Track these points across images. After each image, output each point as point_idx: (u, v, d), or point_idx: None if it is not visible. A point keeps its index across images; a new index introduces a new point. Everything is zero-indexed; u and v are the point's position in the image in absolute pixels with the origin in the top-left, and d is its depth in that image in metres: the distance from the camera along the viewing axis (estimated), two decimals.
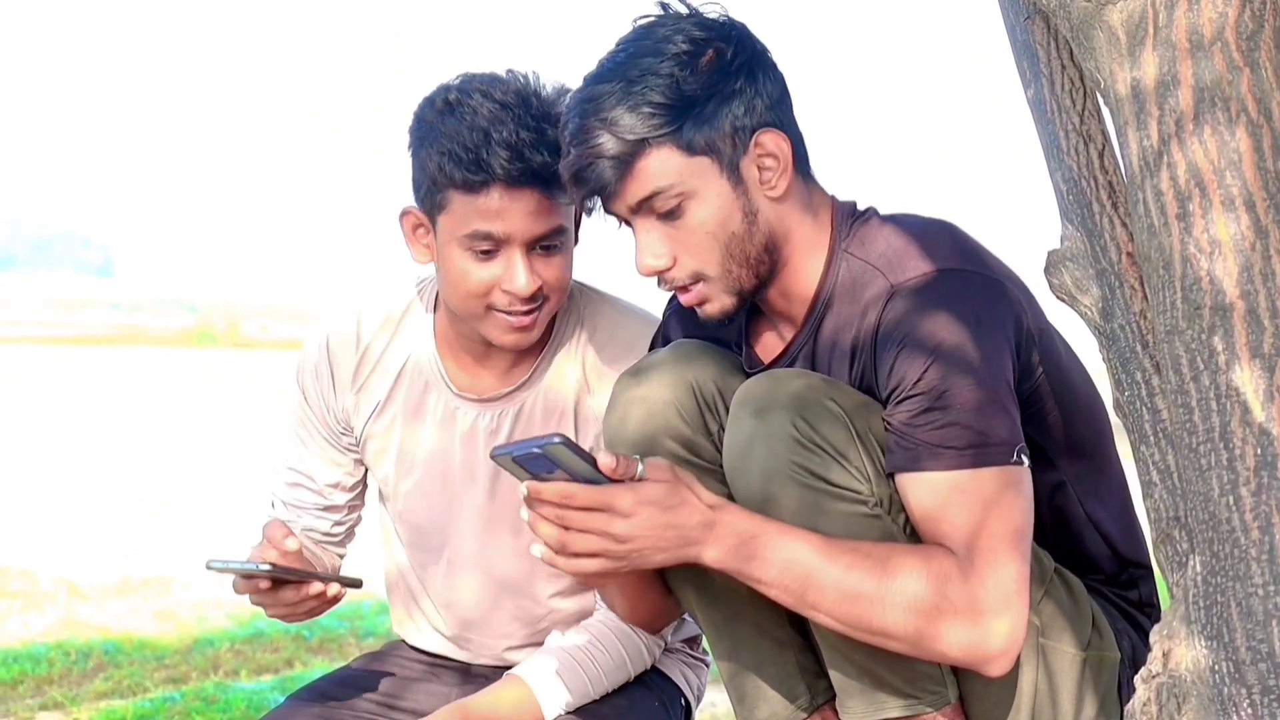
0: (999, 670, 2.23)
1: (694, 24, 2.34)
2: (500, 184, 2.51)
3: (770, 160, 2.34)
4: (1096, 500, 2.46)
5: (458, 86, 2.58)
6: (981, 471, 2.21)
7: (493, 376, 2.77)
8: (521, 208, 2.52)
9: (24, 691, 4.77)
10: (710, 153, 2.32)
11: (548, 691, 2.65)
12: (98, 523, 8.44)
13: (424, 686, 2.91)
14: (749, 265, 2.36)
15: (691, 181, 2.32)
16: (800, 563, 2.19)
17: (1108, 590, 2.49)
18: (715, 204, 2.33)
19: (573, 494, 2.17)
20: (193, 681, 4.94)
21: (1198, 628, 1.88)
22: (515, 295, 2.56)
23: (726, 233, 2.34)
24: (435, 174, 2.54)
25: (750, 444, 2.27)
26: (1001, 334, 2.26)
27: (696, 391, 2.41)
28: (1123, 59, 1.86)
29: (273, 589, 2.55)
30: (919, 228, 2.38)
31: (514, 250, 2.55)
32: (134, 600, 6.27)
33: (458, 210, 2.55)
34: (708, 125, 2.31)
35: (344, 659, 4.92)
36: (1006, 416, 2.23)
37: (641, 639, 2.74)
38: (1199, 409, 1.84)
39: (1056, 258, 2.09)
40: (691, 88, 2.30)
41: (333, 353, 2.82)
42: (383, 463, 2.85)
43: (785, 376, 2.31)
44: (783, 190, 2.36)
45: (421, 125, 2.59)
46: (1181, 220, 1.81)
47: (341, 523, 2.92)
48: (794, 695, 2.46)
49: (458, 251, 2.57)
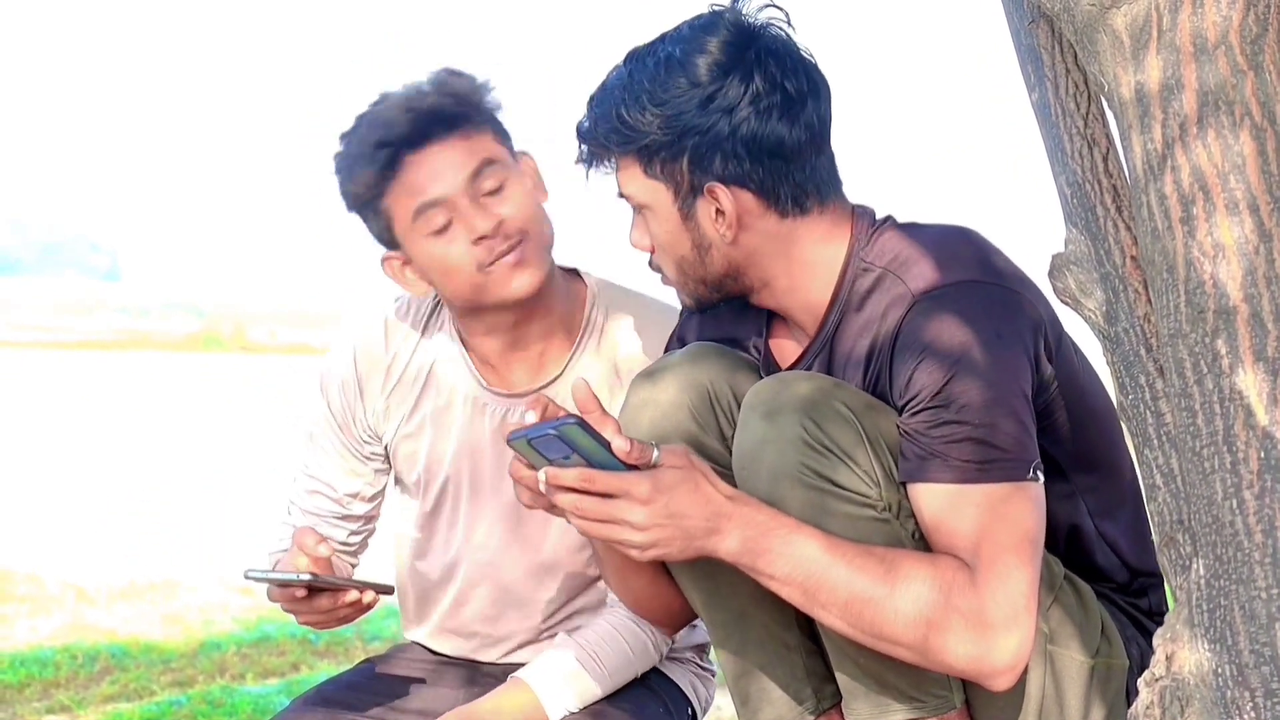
0: (1003, 685, 2.23)
1: (717, 46, 2.32)
2: (405, 152, 2.58)
3: (719, 215, 2.35)
4: (1107, 513, 2.46)
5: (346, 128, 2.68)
6: (995, 486, 2.20)
7: (523, 371, 2.77)
8: (435, 162, 2.58)
9: (31, 695, 4.78)
10: (666, 180, 2.35)
11: (552, 695, 2.65)
12: (104, 527, 8.44)
13: (431, 689, 2.91)
14: (705, 283, 2.42)
15: (645, 197, 2.38)
16: (811, 561, 2.19)
17: (1118, 598, 2.48)
18: (665, 227, 2.39)
19: (592, 478, 2.17)
20: (199, 685, 4.95)
21: (1201, 631, 1.88)
22: (487, 239, 2.59)
23: (676, 254, 2.40)
24: (364, 190, 2.63)
25: (759, 446, 2.27)
26: (1020, 347, 2.26)
27: (710, 394, 2.41)
28: (1127, 63, 1.86)
29: (308, 597, 2.56)
30: (937, 236, 2.37)
31: (459, 202, 2.59)
32: (140, 604, 6.28)
33: (396, 205, 2.61)
34: (669, 155, 2.33)
35: (350, 662, 4.92)
36: (1023, 431, 2.23)
37: (648, 635, 2.74)
38: (1202, 412, 1.84)
39: (1060, 261, 2.09)
40: (670, 115, 2.31)
41: (360, 364, 2.82)
42: (412, 468, 2.85)
43: (794, 379, 2.31)
44: (733, 237, 2.36)
45: (338, 170, 2.68)
46: (1185, 224, 1.82)
47: (358, 533, 2.93)
48: (800, 698, 2.45)
49: (424, 242, 2.61)
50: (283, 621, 5.74)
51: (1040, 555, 2.24)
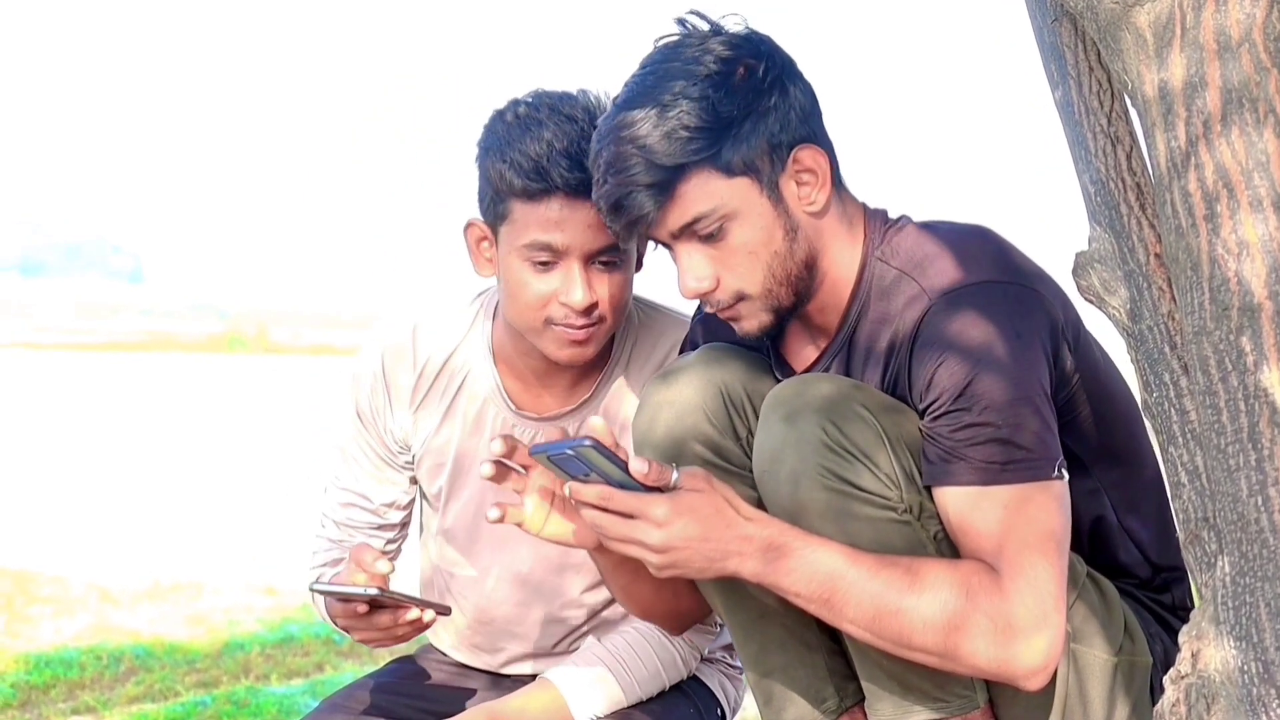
0: (1035, 685, 2.22)
1: (720, 42, 2.31)
2: (560, 194, 2.50)
3: (808, 175, 2.33)
4: (1131, 507, 2.45)
5: (528, 100, 2.59)
6: (1020, 486, 2.19)
7: (553, 397, 2.76)
8: (581, 219, 2.51)
9: (56, 696, 4.79)
10: (750, 172, 2.29)
11: (579, 697, 2.65)
12: (129, 528, 8.46)
13: (454, 691, 2.91)
14: (789, 283, 2.35)
15: (733, 203, 2.30)
16: (833, 576, 2.18)
17: (1141, 594, 2.47)
18: (758, 224, 2.31)
19: (610, 496, 2.17)
20: (224, 685, 4.96)
21: (1226, 628, 1.88)
22: (571, 308, 2.55)
23: (769, 251, 2.32)
24: (498, 184, 2.54)
25: (780, 448, 2.26)
26: (1039, 346, 2.25)
27: (725, 395, 2.41)
28: (1150, 60, 1.86)
29: (368, 613, 2.54)
30: (954, 235, 2.36)
31: (572, 262, 2.54)
32: (165, 605, 6.29)
33: (519, 220, 2.54)
34: (745, 145, 2.28)
35: (374, 664, 4.93)
36: (1045, 430, 2.22)
37: (678, 650, 2.74)
38: (1227, 410, 1.84)
39: (1084, 259, 2.09)
40: (726, 108, 2.27)
41: (389, 371, 2.80)
42: (437, 477, 2.83)
43: (815, 380, 2.30)
44: (822, 204, 2.34)
45: (489, 136, 2.59)
46: (1209, 221, 1.82)
47: (394, 541, 2.91)
48: (821, 698, 2.45)
49: (517, 262, 2.56)
50: (307, 622, 5.76)
51: (1067, 553, 2.24)
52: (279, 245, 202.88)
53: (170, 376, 22.65)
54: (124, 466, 11.50)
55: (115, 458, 12.08)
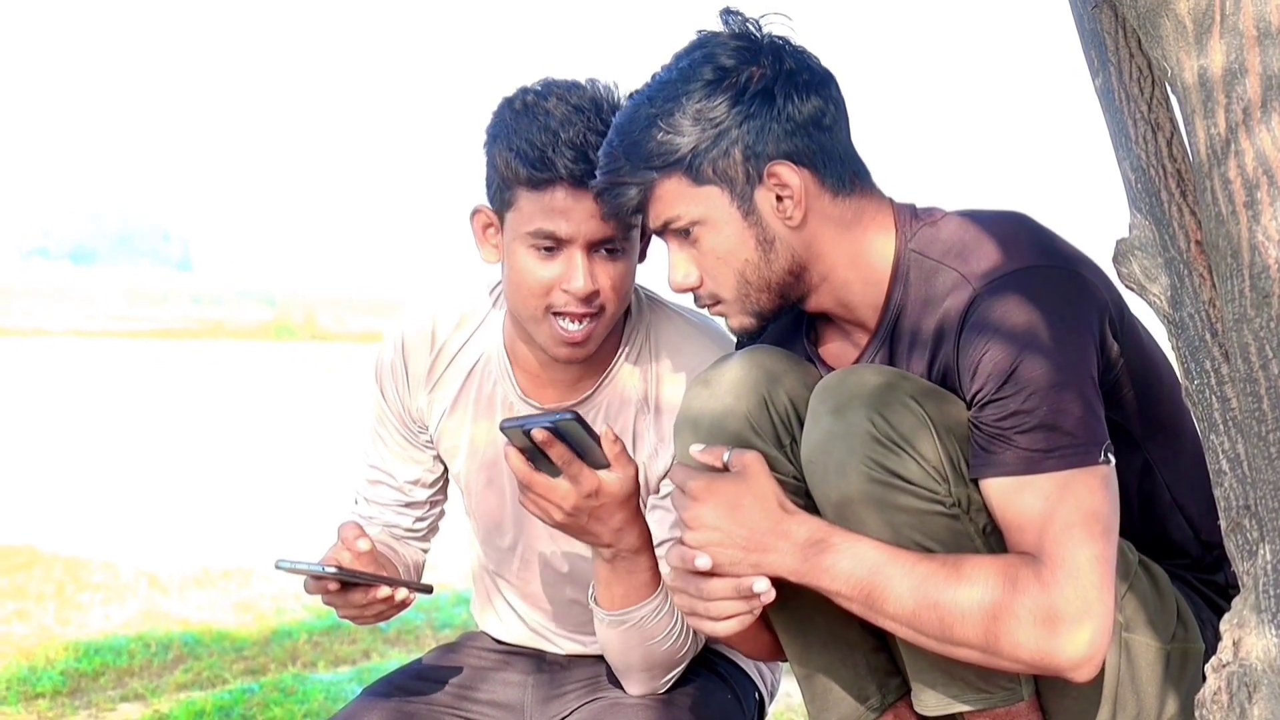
0: (1084, 677, 2.20)
1: (728, 49, 2.34)
2: (565, 183, 2.53)
3: (785, 191, 2.34)
4: (1181, 481, 2.43)
5: (536, 89, 2.62)
6: (1068, 473, 2.18)
7: (557, 391, 2.79)
8: (585, 209, 2.54)
9: (105, 683, 4.83)
10: (720, 182, 2.33)
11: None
12: (178, 515, 8.51)
13: (499, 676, 2.93)
14: (768, 289, 2.37)
15: (700, 211, 2.35)
16: (872, 572, 2.19)
17: (1191, 576, 2.46)
18: (725, 232, 2.35)
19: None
20: (271, 673, 4.99)
21: (1268, 616, 1.88)
22: (573, 295, 2.58)
23: (740, 260, 2.36)
24: (504, 171, 2.58)
25: (828, 441, 2.26)
26: (1086, 331, 2.24)
27: (767, 399, 2.40)
28: (1190, 47, 1.85)
29: (341, 591, 2.58)
30: (991, 222, 2.35)
31: (575, 250, 2.58)
32: (214, 592, 6.33)
33: (524, 208, 2.58)
34: (718, 154, 2.32)
35: (420, 650, 4.96)
36: (1093, 415, 2.21)
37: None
38: (1268, 397, 1.83)
39: (1125, 246, 2.08)
40: (709, 116, 2.31)
41: (408, 352, 2.85)
42: (455, 459, 2.88)
43: (862, 372, 2.30)
44: (800, 220, 2.34)
45: (497, 124, 2.63)
46: (1249, 208, 1.81)
47: (423, 518, 2.96)
48: (864, 696, 2.45)
49: (522, 249, 2.60)
50: None
51: (1115, 539, 2.21)
52: (326, 232, 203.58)
53: (219, 363, 22.75)
54: (173, 453, 11.56)
55: (165, 445, 12.15)
